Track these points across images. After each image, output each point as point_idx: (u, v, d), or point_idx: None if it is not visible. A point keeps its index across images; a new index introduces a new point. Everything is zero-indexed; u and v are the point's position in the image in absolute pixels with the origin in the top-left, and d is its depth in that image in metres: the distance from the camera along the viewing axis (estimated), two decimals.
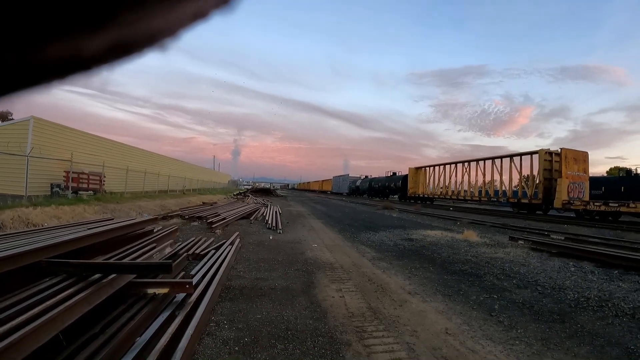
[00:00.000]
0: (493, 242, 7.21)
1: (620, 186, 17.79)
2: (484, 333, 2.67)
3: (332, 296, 3.28)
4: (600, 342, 2.73)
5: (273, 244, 6.06)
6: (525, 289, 3.91)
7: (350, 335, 2.42)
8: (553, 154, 15.29)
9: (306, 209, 15.69)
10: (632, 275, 4.72)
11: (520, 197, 16.48)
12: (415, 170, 26.72)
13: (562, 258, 5.69)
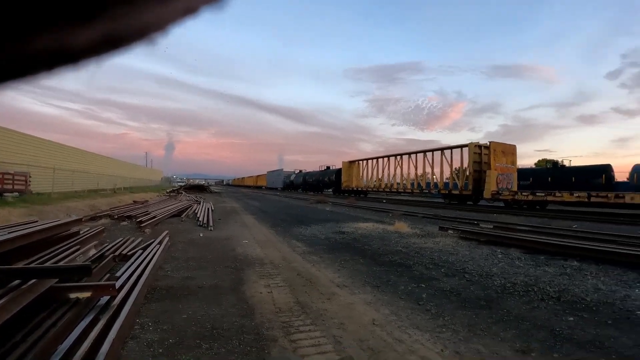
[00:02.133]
0: (424, 232, 10.64)
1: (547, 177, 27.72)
2: (412, 322, 3.88)
3: (260, 292, 4.74)
4: (527, 325, 3.91)
5: (203, 241, 8.71)
6: (453, 277, 5.74)
7: (277, 331, 3.50)
8: (482, 147, 23.95)
9: (239, 205, 23.26)
10: (558, 260, 6.96)
11: (451, 189, 25.74)
12: (349, 164, 40.58)
13: (491, 246, 8.47)
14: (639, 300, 4.61)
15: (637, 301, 4.59)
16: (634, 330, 3.77)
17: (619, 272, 5.97)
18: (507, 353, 3.28)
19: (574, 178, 26.05)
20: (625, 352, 3.31)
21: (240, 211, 18.38)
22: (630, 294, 4.89)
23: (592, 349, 3.38)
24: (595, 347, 3.42)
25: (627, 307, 4.39)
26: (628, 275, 5.77)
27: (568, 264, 6.58)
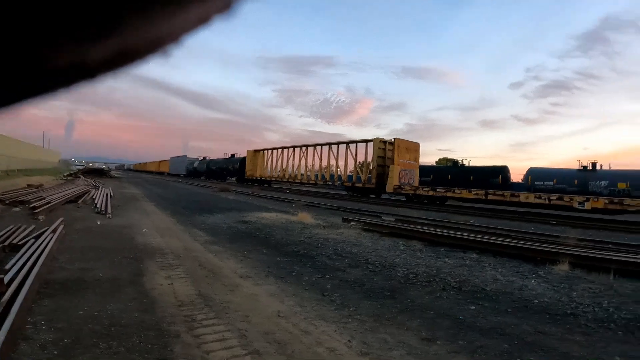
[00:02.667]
0: (327, 223, 11.54)
1: (447, 174, 30.76)
2: (317, 313, 4.18)
3: (161, 284, 4.90)
4: (431, 314, 4.33)
5: (101, 229, 9.02)
6: (357, 268, 6.29)
7: (180, 326, 3.63)
8: (387, 143, 26.85)
9: (140, 191, 24.19)
10: (457, 253, 7.69)
11: (354, 182, 28.14)
12: (253, 152, 43.55)
13: (393, 238, 9.17)
14: (535, 290, 5.28)
15: (534, 291, 5.25)
16: (533, 318, 4.32)
17: (515, 264, 6.77)
18: (413, 342, 3.58)
19: (472, 177, 29.15)
20: (527, 338, 3.78)
21: (140, 198, 19.13)
22: (526, 284, 5.57)
23: (495, 336, 3.80)
24: (497, 334, 3.85)
25: (524, 297, 5.01)
26: (524, 267, 6.57)
27: (467, 256, 7.29)
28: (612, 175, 23.31)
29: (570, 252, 7.06)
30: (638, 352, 3.62)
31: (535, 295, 5.06)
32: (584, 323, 4.20)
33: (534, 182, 25.55)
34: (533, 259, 7.06)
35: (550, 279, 5.88)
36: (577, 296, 5.06)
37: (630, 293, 5.26)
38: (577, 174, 24.56)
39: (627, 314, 4.47)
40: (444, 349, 3.48)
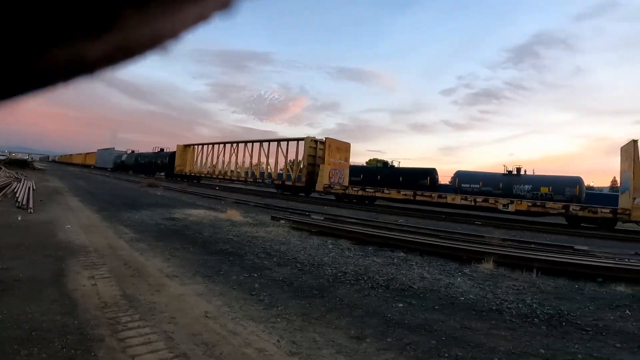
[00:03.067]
0: (256, 221, 11.56)
1: (377, 175, 31.26)
2: (245, 313, 4.14)
3: (84, 285, 4.75)
4: (359, 312, 4.32)
5: (22, 225, 8.70)
6: (285, 267, 6.28)
7: (104, 330, 3.50)
8: (318, 142, 27.47)
9: (65, 185, 23.80)
10: (385, 251, 7.77)
11: (285, 180, 28.50)
12: (183, 147, 43.52)
13: (322, 237, 9.20)
14: (461, 288, 5.40)
15: (460, 288, 5.37)
16: (460, 314, 4.40)
17: (441, 263, 6.93)
18: (342, 340, 3.55)
19: (401, 178, 29.61)
20: (454, 334, 3.83)
21: (64, 192, 18.55)
22: (453, 282, 5.70)
23: (423, 333, 3.83)
24: (425, 331, 3.88)
25: (451, 294, 5.11)
26: (450, 265, 6.74)
27: (395, 255, 7.39)
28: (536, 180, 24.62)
29: (494, 251, 7.35)
30: (560, 344, 3.75)
31: (462, 293, 5.17)
32: (509, 319, 4.32)
33: (461, 185, 26.50)
34: (459, 257, 7.26)
35: (476, 276, 6.05)
36: (501, 293, 5.22)
37: (552, 290, 5.51)
38: (502, 177, 25.69)
39: (550, 309, 4.67)
40: (373, 347, 3.47)
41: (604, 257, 8.21)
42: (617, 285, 5.86)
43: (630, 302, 5.16)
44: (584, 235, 14.18)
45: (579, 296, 5.33)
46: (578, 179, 23.41)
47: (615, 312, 4.81)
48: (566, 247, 9.90)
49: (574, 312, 4.65)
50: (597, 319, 4.50)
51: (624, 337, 4.06)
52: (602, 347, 3.80)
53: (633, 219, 15.77)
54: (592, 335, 4.05)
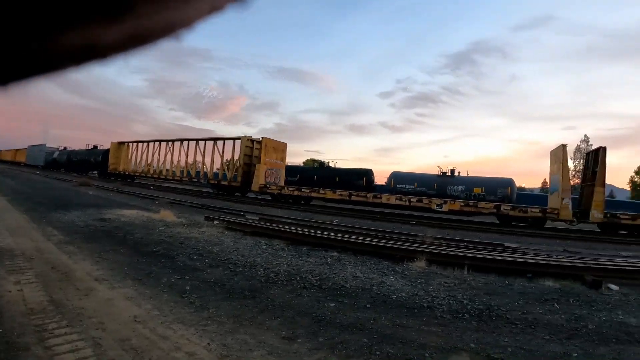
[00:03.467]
0: (189, 222, 11.36)
1: (313, 175, 31.66)
2: (176, 317, 4.09)
3: (9, 290, 4.56)
4: (291, 313, 4.26)
5: None
6: (217, 268, 6.12)
7: (30, 337, 3.39)
8: (255, 142, 27.50)
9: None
10: (319, 251, 7.74)
11: (220, 179, 28.41)
12: (117, 145, 41.80)
13: (255, 237, 9.11)
14: (393, 286, 5.43)
15: (392, 287, 5.40)
16: (391, 312, 4.41)
17: (374, 262, 6.97)
18: (273, 342, 3.51)
19: (338, 178, 30.27)
20: (385, 332, 3.84)
21: None
22: (385, 280, 5.72)
23: (355, 331, 3.81)
24: (357, 330, 3.86)
25: (383, 292, 5.13)
26: (382, 264, 6.79)
27: (329, 255, 7.38)
28: (469, 181, 25.90)
29: (427, 250, 7.48)
30: (491, 339, 3.84)
31: (394, 291, 5.20)
32: (440, 315, 4.38)
33: (396, 185, 27.21)
34: (392, 256, 7.32)
35: (408, 275, 6.11)
36: (433, 290, 5.29)
37: (482, 286, 5.67)
38: (436, 178, 26.75)
39: (480, 305, 4.79)
40: (304, 347, 3.44)
41: (533, 254, 8.61)
42: (545, 280, 6.13)
43: (558, 296, 5.41)
44: (514, 233, 14.93)
45: (508, 291, 5.51)
46: (510, 180, 24.76)
47: (544, 305, 5.02)
48: (497, 245, 10.33)
49: (504, 307, 4.79)
50: (526, 313, 4.66)
51: (552, 329, 4.23)
52: (532, 339, 3.93)
53: (562, 217, 16.81)
54: (521, 329, 4.18)
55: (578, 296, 5.46)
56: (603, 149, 16.90)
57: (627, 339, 4.13)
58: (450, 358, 3.41)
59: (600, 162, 16.77)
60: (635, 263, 7.93)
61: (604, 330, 4.32)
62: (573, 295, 5.49)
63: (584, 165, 20.09)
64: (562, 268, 6.67)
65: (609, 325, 4.45)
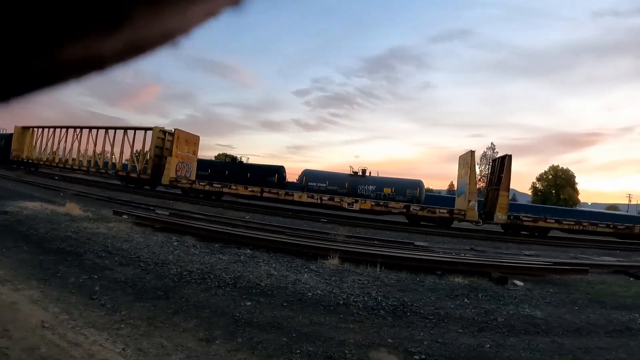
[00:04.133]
0: (97, 216, 10.86)
1: (225, 170, 31.28)
2: (87, 321, 3.84)
3: None
4: (207, 313, 4.17)
5: None
6: (128, 266, 5.84)
7: None
8: (167, 133, 26.53)
9: None
10: (232, 248, 7.64)
11: (129, 171, 26.98)
12: (22, 129, 37.93)
13: (166, 233, 8.83)
14: (308, 284, 5.50)
15: (307, 284, 5.47)
16: (308, 310, 4.47)
17: (288, 259, 7.02)
18: (191, 344, 3.43)
19: (250, 174, 29.97)
20: (303, 330, 3.88)
21: None
22: (300, 278, 5.78)
23: (273, 331, 3.82)
24: (275, 328, 3.87)
25: (298, 290, 5.18)
26: (296, 262, 6.85)
27: (242, 252, 7.32)
28: (380, 181, 26.61)
29: (340, 247, 7.62)
30: (407, 333, 4.03)
31: (309, 289, 5.27)
32: (356, 312, 4.51)
33: (308, 183, 27.46)
34: (305, 254, 7.40)
35: (322, 272, 6.22)
36: (347, 287, 5.42)
37: (395, 283, 5.91)
38: (348, 178, 27.22)
39: (394, 301, 4.98)
40: (223, 348, 3.40)
41: (442, 252, 9.11)
42: (455, 277, 6.51)
43: (468, 292, 5.79)
44: (423, 232, 15.70)
45: (420, 288, 5.79)
46: (419, 182, 25.93)
47: (454, 301, 5.35)
48: (407, 244, 10.79)
49: (417, 303, 5.03)
50: (438, 308, 4.93)
51: (464, 322, 4.52)
52: (445, 333, 4.18)
53: (468, 218, 17.96)
54: (435, 323, 4.42)
55: (486, 292, 5.88)
56: (509, 156, 18.49)
57: (535, 330, 4.56)
58: (370, 354, 3.53)
59: (505, 168, 18.31)
60: (537, 261, 8.71)
61: (513, 322, 4.72)
62: (481, 291, 5.91)
63: (490, 170, 21.96)
64: (470, 266, 7.14)
65: (516, 318, 4.88)
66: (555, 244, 15.97)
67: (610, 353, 4.16)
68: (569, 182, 65.79)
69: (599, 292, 6.82)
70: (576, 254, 13.04)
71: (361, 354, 3.48)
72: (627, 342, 4.55)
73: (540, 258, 10.20)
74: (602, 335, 4.69)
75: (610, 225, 19.42)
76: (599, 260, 11.51)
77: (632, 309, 5.87)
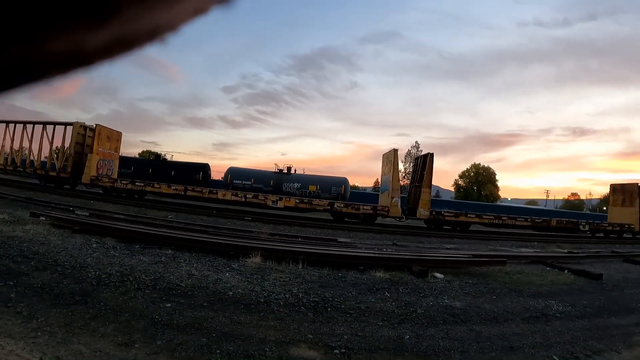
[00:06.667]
0: (13, 218, 10.37)
1: (149, 168, 30.42)
2: (1, 330, 3.72)
3: None
4: (126, 317, 4.10)
5: None
6: (44, 271, 5.64)
7: None
8: (88, 129, 25.43)
9: None
10: (153, 249, 7.47)
11: (48, 170, 25.47)
12: None
13: (85, 235, 8.55)
14: (229, 283, 5.52)
15: (228, 283, 5.48)
16: (229, 309, 4.49)
17: (210, 259, 6.98)
18: (110, 349, 3.37)
19: (174, 172, 29.43)
20: (224, 330, 3.91)
21: None
22: (221, 277, 5.77)
23: (193, 331, 3.82)
24: (194, 329, 3.87)
25: (219, 290, 5.18)
26: (218, 261, 6.82)
27: (163, 253, 7.19)
28: (305, 179, 26.87)
29: (262, 245, 7.68)
30: (327, 328, 4.17)
31: (230, 288, 5.29)
32: (277, 309, 4.58)
33: (233, 181, 27.20)
34: (227, 253, 7.40)
35: (244, 271, 6.25)
36: (269, 285, 5.49)
37: (317, 279, 6.05)
38: (273, 175, 27.26)
39: (315, 297, 5.11)
40: (142, 352, 3.37)
41: (364, 248, 9.40)
42: (376, 271, 6.73)
43: (389, 286, 6.03)
44: (347, 229, 16.00)
45: (342, 283, 5.96)
46: (344, 179, 26.45)
47: (375, 295, 5.55)
48: (331, 240, 11.02)
49: (338, 298, 5.19)
50: (359, 302, 5.11)
51: (384, 315, 4.72)
52: (366, 326, 4.34)
53: (391, 214, 18.53)
54: (355, 317, 4.58)
55: (407, 285, 6.16)
56: (431, 154, 19.38)
57: (453, 320, 4.85)
58: (290, 350, 3.61)
59: (427, 166, 19.16)
60: (457, 254, 9.21)
61: (432, 313, 4.99)
62: (402, 284, 6.18)
63: (414, 168, 22.85)
64: (391, 260, 7.43)
65: (436, 309, 5.16)
66: (476, 238, 16.92)
67: (527, 338, 4.50)
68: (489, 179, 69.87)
69: (516, 281, 7.35)
70: (495, 247, 13.92)
71: (281, 351, 3.55)
72: (543, 327, 4.95)
73: (460, 251, 10.79)
74: (519, 322, 5.06)
75: (528, 219, 20.75)
76: (517, 251, 12.34)
77: (547, 296, 6.41)
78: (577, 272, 8.84)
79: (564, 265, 9.59)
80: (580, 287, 7.49)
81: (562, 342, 4.50)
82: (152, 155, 34.54)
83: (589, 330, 5.02)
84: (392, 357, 3.80)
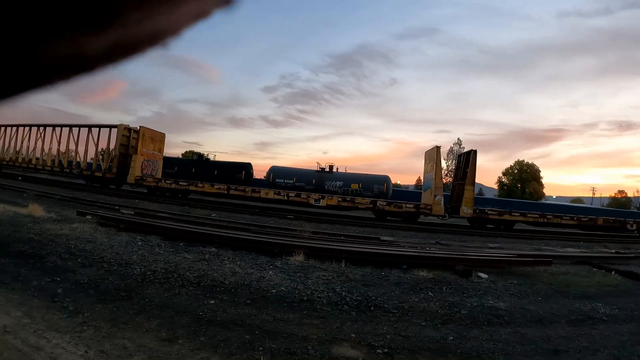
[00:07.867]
0: (60, 217, 10.59)
1: (192, 168, 30.89)
2: (49, 324, 3.81)
3: None
4: (170, 312, 4.14)
5: None
6: (90, 268, 5.75)
7: None
8: (132, 131, 25.94)
9: None
10: (197, 247, 7.54)
11: (94, 170, 26.18)
12: None
13: (131, 233, 8.68)
14: (272, 281, 5.50)
15: (271, 281, 5.46)
16: (272, 307, 4.47)
17: (253, 257, 6.98)
18: (153, 344, 3.40)
19: (217, 171, 29.80)
20: (267, 327, 3.90)
21: None
22: (264, 275, 5.76)
23: (236, 328, 3.82)
24: (238, 326, 3.87)
25: (262, 287, 5.17)
26: (261, 259, 6.82)
27: (206, 250, 7.23)
28: (347, 177, 26.78)
29: (305, 244, 7.64)
30: (370, 328, 4.09)
31: (273, 286, 5.27)
32: (320, 308, 4.54)
33: (275, 180, 27.36)
34: (271, 251, 7.39)
35: (287, 269, 6.22)
36: (312, 284, 5.44)
37: (359, 278, 5.96)
38: (315, 174, 27.25)
39: (358, 296, 5.03)
40: (186, 348, 3.39)
41: (407, 247, 9.24)
42: (419, 270, 6.60)
43: (432, 285, 5.89)
44: (389, 227, 15.84)
45: (385, 282, 5.86)
46: (386, 177, 26.19)
47: (419, 294, 5.43)
48: (373, 239, 10.90)
49: (381, 297, 5.09)
50: (402, 302, 5.01)
51: (427, 316, 4.60)
52: (409, 326, 4.25)
53: (434, 213, 18.28)
54: (398, 317, 4.49)
55: (450, 285, 6.00)
56: (474, 151, 18.85)
57: (498, 322, 4.68)
58: (332, 349, 3.56)
59: (471, 163, 18.65)
60: (501, 254, 8.93)
61: (476, 314, 4.83)
62: (446, 284, 6.02)
63: (456, 165, 22.40)
64: (434, 259, 7.26)
65: (480, 310, 4.99)
66: (520, 237, 16.35)
67: (572, 342, 4.29)
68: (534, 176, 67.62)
69: (561, 282, 7.04)
70: (540, 246, 13.39)
71: (323, 350, 3.50)
72: (589, 331, 4.71)
73: (504, 250, 10.47)
74: (565, 324, 4.84)
75: (574, 218, 19.87)
76: (562, 251, 11.89)
77: (594, 298, 6.09)
78: (625, 273, 8.41)
79: (611, 266, 9.15)
80: (627, 289, 7.13)
81: (608, 346, 4.27)
82: (195, 155, 35.14)
83: (637, 334, 4.74)
84: (435, 358, 3.69)
